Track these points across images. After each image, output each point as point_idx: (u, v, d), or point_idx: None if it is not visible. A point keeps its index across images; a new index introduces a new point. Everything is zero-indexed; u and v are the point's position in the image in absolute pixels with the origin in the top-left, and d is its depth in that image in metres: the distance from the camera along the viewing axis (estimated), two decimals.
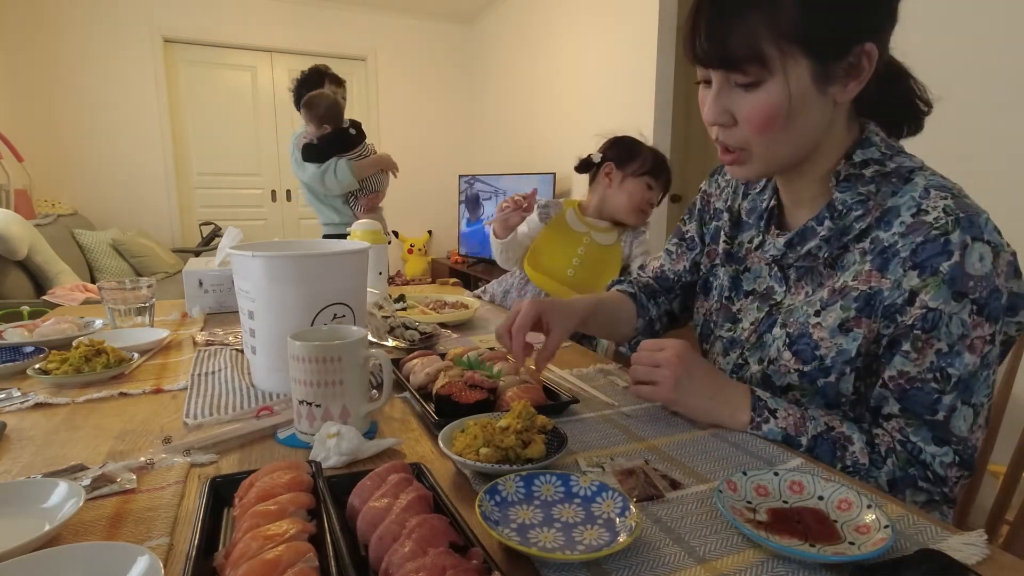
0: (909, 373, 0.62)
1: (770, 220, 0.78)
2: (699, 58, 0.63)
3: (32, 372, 0.83)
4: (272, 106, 4.62)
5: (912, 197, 0.63)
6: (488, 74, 4.89)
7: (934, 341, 0.60)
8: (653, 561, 0.45)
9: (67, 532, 0.48)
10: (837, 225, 0.67)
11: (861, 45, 0.59)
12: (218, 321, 1.23)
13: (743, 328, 0.80)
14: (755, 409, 0.68)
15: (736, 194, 0.85)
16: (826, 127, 0.66)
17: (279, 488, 0.47)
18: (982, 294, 0.59)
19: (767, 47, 0.59)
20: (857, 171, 0.66)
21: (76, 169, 4.04)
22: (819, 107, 0.63)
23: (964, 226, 0.59)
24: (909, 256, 0.61)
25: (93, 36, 3.97)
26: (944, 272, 0.59)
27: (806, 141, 0.65)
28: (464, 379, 0.75)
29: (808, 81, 0.60)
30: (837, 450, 0.64)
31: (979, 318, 0.59)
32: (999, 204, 0.82)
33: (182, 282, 1.30)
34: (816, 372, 0.68)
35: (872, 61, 0.60)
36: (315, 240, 1.01)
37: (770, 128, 0.62)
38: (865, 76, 0.61)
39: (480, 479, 0.57)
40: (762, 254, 0.78)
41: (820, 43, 0.59)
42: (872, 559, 0.44)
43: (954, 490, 0.63)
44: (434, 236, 5.21)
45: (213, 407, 0.75)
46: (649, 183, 1.46)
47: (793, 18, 0.58)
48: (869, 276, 0.64)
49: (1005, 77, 1.70)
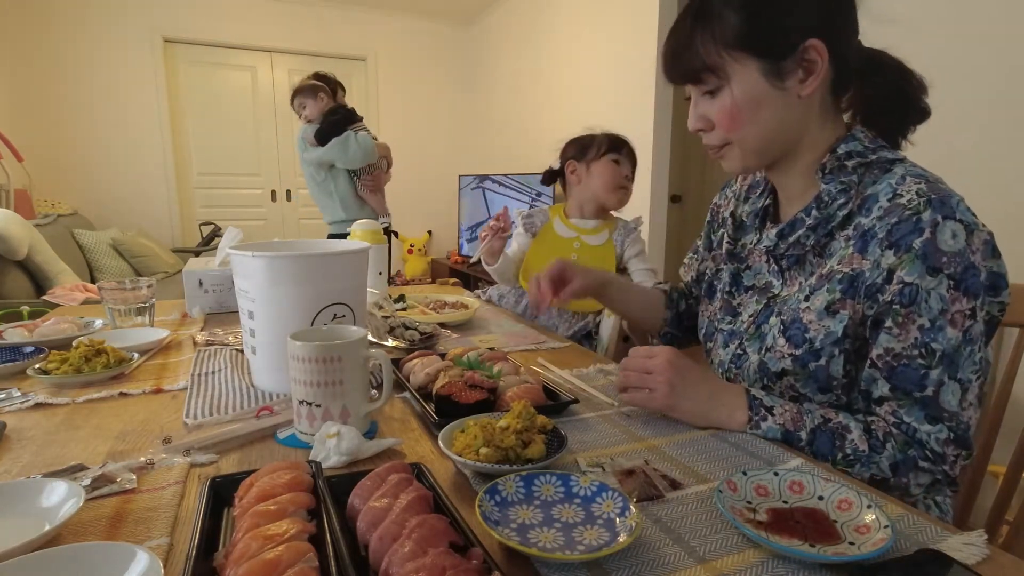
0: (894, 350, 0.64)
1: (766, 217, 0.83)
2: (668, 77, 0.74)
3: (32, 372, 0.83)
4: (272, 106, 4.62)
5: (889, 184, 0.67)
6: (488, 74, 4.89)
7: (915, 316, 0.63)
8: (653, 561, 0.45)
9: (67, 532, 0.48)
10: (823, 214, 0.71)
11: (805, 42, 0.65)
12: (218, 321, 1.23)
13: (742, 320, 0.82)
14: (752, 408, 0.69)
15: (739, 200, 0.89)
16: (800, 120, 0.71)
17: (279, 488, 0.47)
18: (957, 269, 0.61)
19: (715, 57, 0.68)
20: (840, 163, 0.70)
21: (76, 169, 4.04)
22: (782, 101, 0.68)
23: (935, 206, 0.62)
24: (885, 237, 0.64)
25: (93, 36, 3.97)
26: (917, 248, 0.62)
27: (778, 132, 0.71)
28: (464, 379, 0.75)
29: (760, 79, 0.67)
30: (836, 440, 0.65)
31: (956, 292, 0.61)
32: (993, 197, 0.82)
33: (182, 282, 1.30)
34: (807, 355, 0.70)
35: (824, 56, 0.65)
36: (315, 240, 1.01)
37: (738, 124, 0.70)
38: (820, 71, 0.66)
39: (480, 479, 0.57)
40: (759, 248, 0.81)
41: (763, 44, 0.66)
42: (872, 559, 0.44)
43: (954, 468, 0.64)
44: (434, 236, 5.21)
45: (213, 407, 0.75)
46: (614, 158, 1.47)
47: (734, 27, 0.66)
48: (851, 259, 0.67)
49: (994, 73, 1.71)
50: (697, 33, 0.68)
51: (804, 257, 0.75)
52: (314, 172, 2.66)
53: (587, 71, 3.52)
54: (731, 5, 0.66)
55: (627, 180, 1.48)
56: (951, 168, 1.88)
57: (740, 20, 0.66)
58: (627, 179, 1.48)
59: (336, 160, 2.59)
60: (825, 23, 0.66)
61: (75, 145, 4.02)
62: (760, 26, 0.66)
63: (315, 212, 2.77)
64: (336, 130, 2.55)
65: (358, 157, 2.57)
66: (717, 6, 0.67)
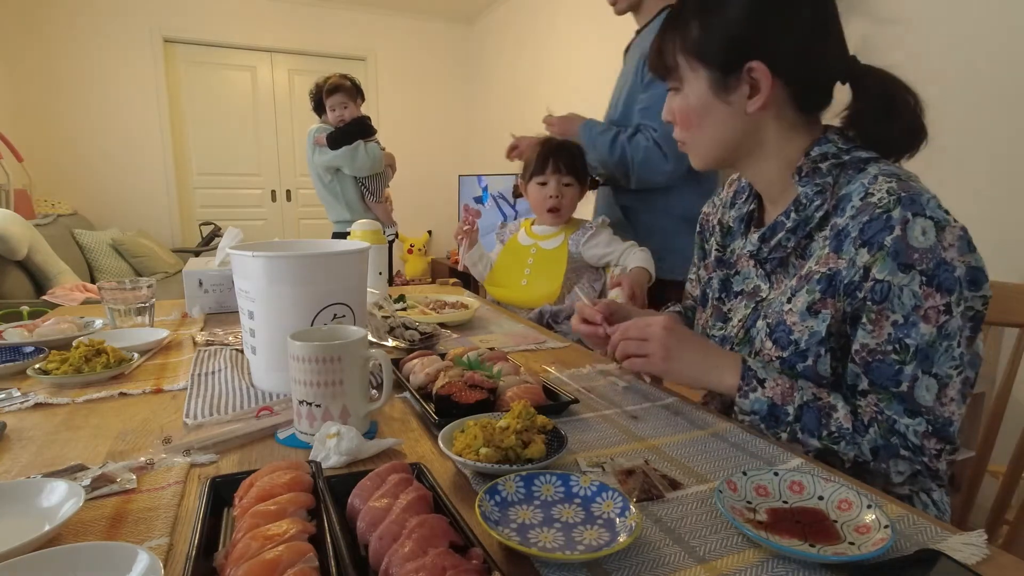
0: (869, 345, 0.66)
1: (751, 221, 0.84)
2: (649, 70, 0.81)
3: (32, 372, 0.83)
4: (272, 106, 4.62)
5: (862, 183, 0.68)
6: (488, 74, 4.89)
7: (888, 313, 0.64)
8: (653, 561, 0.45)
9: (67, 532, 0.48)
10: (801, 216, 0.73)
11: (748, 63, 0.69)
12: (218, 321, 1.23)
13: (733, 326, 0.84)
14: (744, 378, 0.71)
15: (726, 207, 0.90)
16: (749, 132, 0.74)
17: (279, 488, 0.47)
18: (929, 265, 0.62)
19: (679, 59, 0.74)
20: (815, 165, 0.72)
21: (76, 169, 4.04)
22: (726, 113, 0.73)
23: (905, 203, 0.63)
24: (858, 235, 0.66)
25: (93, 36, 3.97)
26: (888, 246, 0.63)
27: (723, 141, 0.75)
28: (464, 379, 0.75)
29: (707, 89, 0.72)
30: (822, 418, 0.67)
31: (929, 288, 0.63)
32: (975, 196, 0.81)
33: (182, 282, 1.29)
34: (794, 357, 0.72)
35: (767, 78, 0.69)
36: (315, 240, 1.01)
37: (687, 126, 0.76)
38: (765, 91, 0.69)
39: (480, 479, 0.57)
40: (745, 253, 0.83)
41: (711, 57, 0.71)
42: (872, 559, 0.44)
43: (935, 462, 0.65)
44: (434, 236, 5.21)
45: (213, 407, 0.75)
46: (540, 181, 1.50)
47: (694, 37, 0.72)
48: (828, 259, 0.69)
49: (986, 76, 1.70)
50: (668, 35, 0.75)
51: (787, 259, 0.77)
52: (321, 173, 2.70)
53: (587, 71, 3.52)
54: (696, 16, 0.72)
55: (556, 197, 1.48)
56: (952, 168, 1.88)
57: (698, 31, 0.71)
58: (558, 194, 1.48)
59: (343, 166, 2.65)
60: (772, 48, 0.69)
61: (75, 145, 4.02)
62: (712, 40, 0.71)
63: (315, 212, 2.78)
64: (349, 139, 2.60)
65: (366, 166, 2.64)
66: (686, 14, 0.73)
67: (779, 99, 0.71)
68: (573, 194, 1.52)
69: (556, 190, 1.49)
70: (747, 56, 0.69)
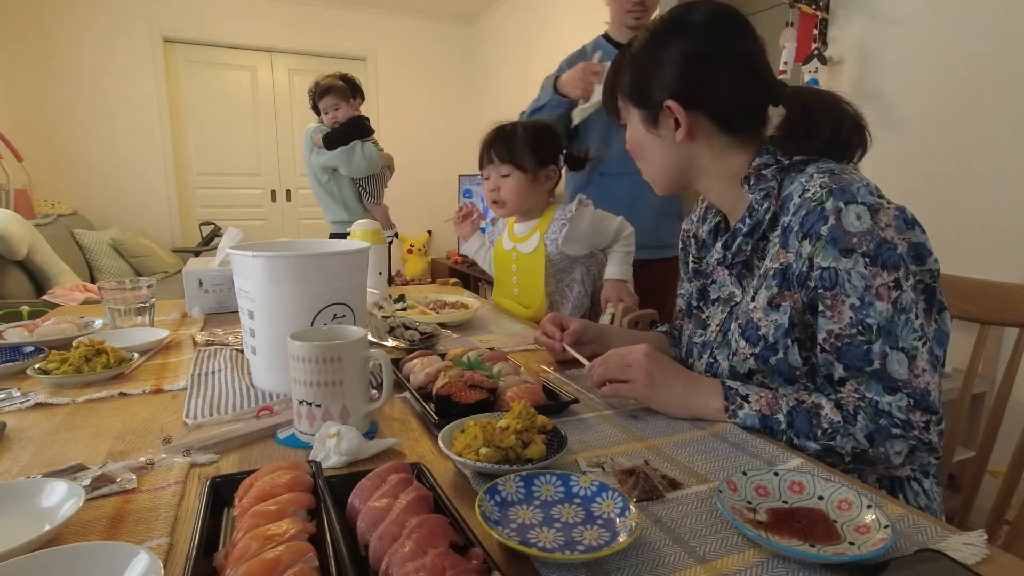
0: (835, 331, 0.69)
1: (718, 233, 0.90)
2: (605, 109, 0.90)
3: (32, 372, 0.83)
4: (272, 106, 4.61)
5: (800, 182, 0.73)
6: (488, 74, 4.89)
7: (842, 297, 0.67)
8: (653, 561, 0.45)
9: (67, 532, 0.48)
10: (754, 220, 0.78)
11: (663, 101, 0.77)
12: (218, 321, 1.23)
13: (711, 331, 0.87)
14: (728, 398, 0.73)
15: (699, 222, 0.95)
16: (684, 158, 0.81)
17: (279, 488, 0.47)
18: (869, 247, 0.66)
19: (620, 101, 0.85)
20: (759, 172, 0.77)
21: (76, 169, 4.04)
22: (659, 144, 0.81)
23: (836, 194, 0.68)
24: (799, 229, 0.70)
25: (93, 36, 3.97)
26: (825, 235, 0.67)
27: (665, 168, 0.84)
28: (464, 379, 0.75)
29: (640, 125, 0.82)
30: (812, 418, 0.68)
31: (875, 268, 0.66)
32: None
33: (182, 282, 1.30)
34: (766, 351, 0.75)
35: (681, 114, 0.76)
36: (315, 240, 1.01)
37: (637, 156, 0.86)
38: (684, 124, 0.77)
39: (480, 479, 0.57)
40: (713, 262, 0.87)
41: (639, 100, 0.81)
42: (872, 559, 0.44)
43: (926, 433, 0.66)
44: (434, 236, 5.21)
45: (213, 407, 0.75)
46: (484, 175, 1.44)
47: (626, 80, 0.82)
48: (778, 255, 0.74)
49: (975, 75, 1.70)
50: (612, 80, 0.86)
51: (750, 262, 0.81)
52: (318, 173, 2.68)
53: None
54: (629, 66, 0.82)
55: (495, 190, 1.41)
56: (952, 167, 1.88)
57: (630, 75, 0.82)
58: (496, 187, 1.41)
59: (339, 167, 2.63)
60: (683, 88, 0.77)
61: (75, 145, 4.02)
62: (638, 86, 0.81)
63: (315, 212, 2.78)
64: (345, 139, 2.58)
65: (362, 167, 2.62)
66: (623, 64, 0.83)
67: (704, 128, 0.78)
68: (514, 184, 1.38)
69: (495, 183, 1.41)
70: (663, 96, 0.77)
